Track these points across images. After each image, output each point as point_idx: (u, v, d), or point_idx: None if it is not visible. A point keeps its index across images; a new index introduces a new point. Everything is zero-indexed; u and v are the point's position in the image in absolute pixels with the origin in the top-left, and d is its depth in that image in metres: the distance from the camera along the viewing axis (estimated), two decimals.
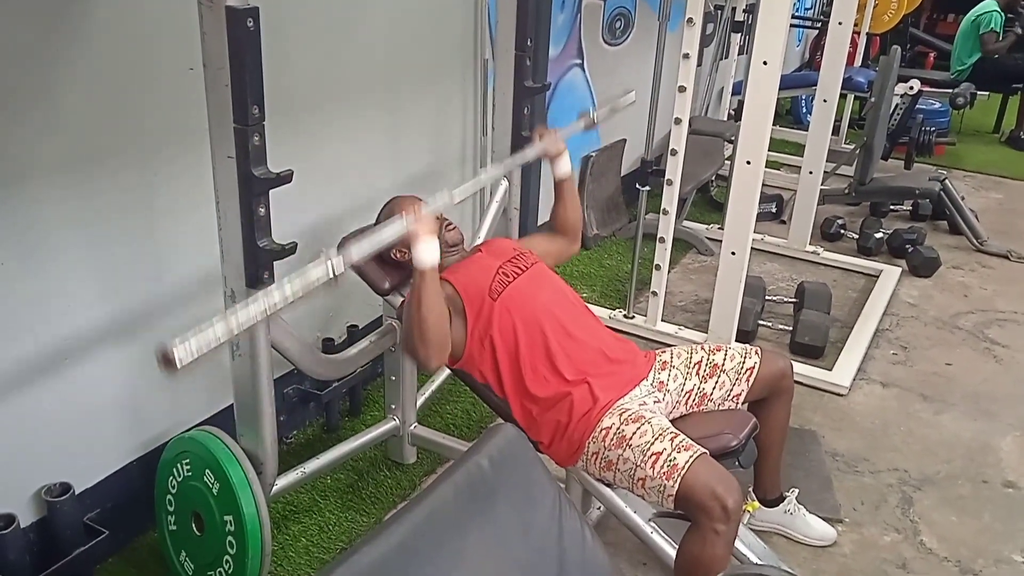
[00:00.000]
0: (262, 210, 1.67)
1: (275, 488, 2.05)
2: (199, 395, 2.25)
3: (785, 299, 3.69)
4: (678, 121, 3.01)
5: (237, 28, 1.52)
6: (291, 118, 2.36)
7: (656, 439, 1.81)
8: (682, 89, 2.96)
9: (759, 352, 2.14)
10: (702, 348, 2.15)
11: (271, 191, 1.67)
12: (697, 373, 2.09)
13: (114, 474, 2.11)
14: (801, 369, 3.12)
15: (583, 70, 3.91)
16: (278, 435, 2.61)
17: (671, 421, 2.02)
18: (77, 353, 1.96)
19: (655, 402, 2.01)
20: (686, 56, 2.91)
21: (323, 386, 2.57)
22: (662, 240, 3.23)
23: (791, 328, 3.41)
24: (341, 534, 2.28)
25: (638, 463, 1.81)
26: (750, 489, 2.32)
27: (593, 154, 4.10)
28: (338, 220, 2.44)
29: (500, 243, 2.29)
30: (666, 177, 3.12)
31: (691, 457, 1.76)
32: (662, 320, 3.42)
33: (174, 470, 1.99)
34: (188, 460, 1.95)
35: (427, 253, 1.82)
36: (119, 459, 2.12)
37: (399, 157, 2.86)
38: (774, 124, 6.12)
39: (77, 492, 1.98)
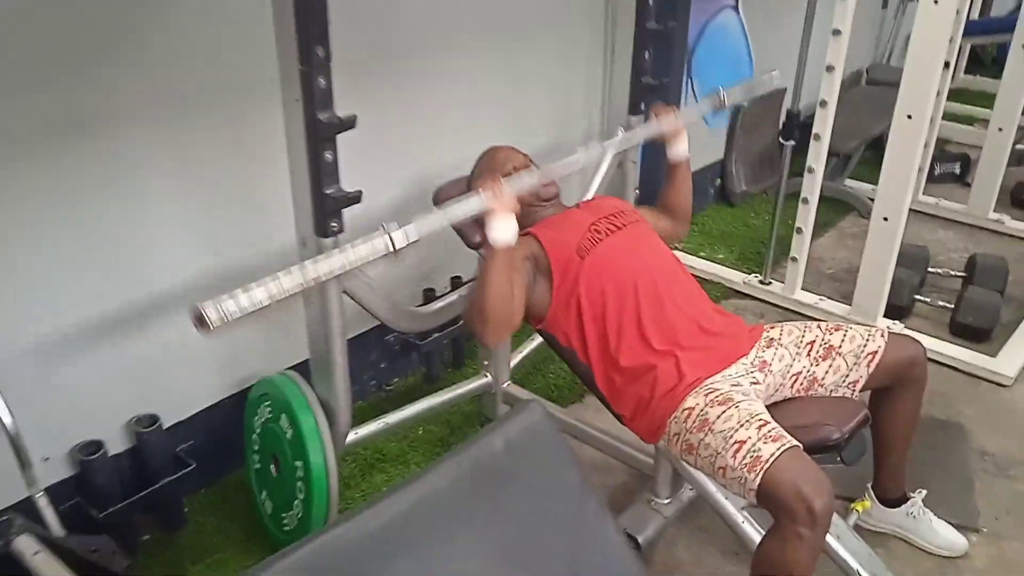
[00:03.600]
0: (329, 156, 1.62)
1: (351, 439, 2.04)
2: (294, 337, 2.26)
3: (952, 272, 3.28)
4: (830, 69, 2.68)
5: None
6: (398, 62, 2.30)
7: (741, 425, 1.63)
8: (836, 32, 2.62)
9: (885, 335, 1.88)
10: (818, 326, 1.91)
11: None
12: (808, 354, 1.87)
13: (207, 409, 2.17)
14: (959, 353, 2.78)
15: (737, 12, 3.58)
16: (378, 382, 2.64)
17: (772, 404, 1.83)
18: (175, 295, 2.02)
19: (752, 383, 1.81)
20: None
21: (424, 336, 2.53)
22: (805, 201, 2.93)
23: (954, 306, 3.02)
24: None
25: (719, 450, 1.63)
26: (868, 486, 2.08)
27: (745, 104, 3.79)
28: (445, 170, 2.35)
29: (602, 200, 2.13)
30: (813, 131, 2.80)
31: (778, 449, 1.56)
32: (802, 289, 3.13)
33: (258, 410, 2.02)
34: (269, 403, 1.97)
35: (502, 232, 1.71)
36: (213, 395, 2.18)
37: (516, 106, 2.72)
38: (974, 74, 5.44)
39: (171, 424, 2.06)
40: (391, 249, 1.61)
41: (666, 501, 2.06)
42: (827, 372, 1.86)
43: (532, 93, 2.77)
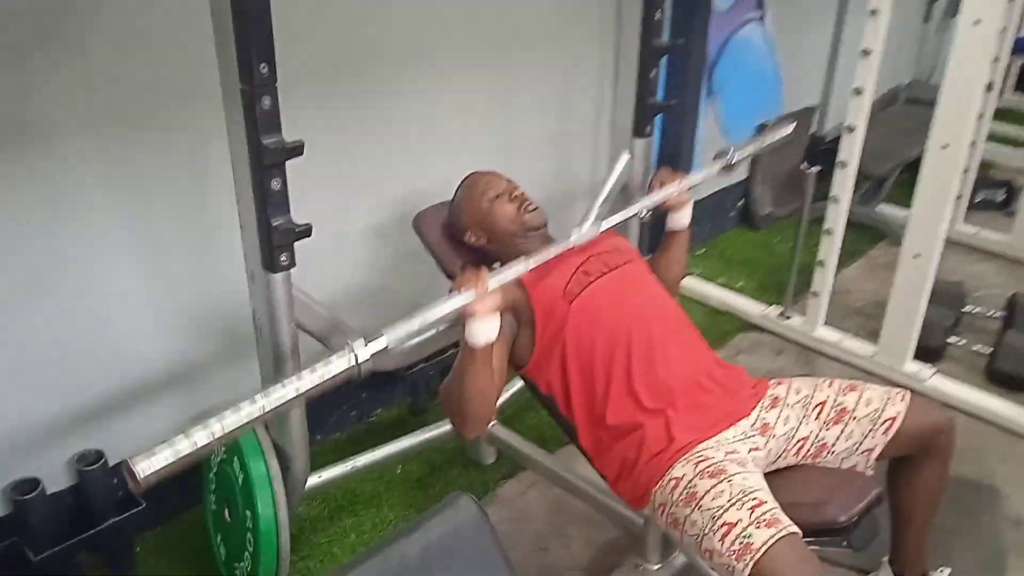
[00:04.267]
0: (276, 184, 1.45)
1: (314, 482, 1.88)
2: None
3: (990, 313, 3.03)
4: (859, 91, 2.46)
5: None
6: (379, 77, 2.13)
7: (732, 504, 1.43)
8: (866, 52, 2.40)
9: (906, 398, 1.66)
10: (830, 384, 1.71)
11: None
12: (818, 416, 1.66)
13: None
14: (995, 405, 2.54)
15: (763, 26, 3.36)
16: (359, 413, 2.48)
17: (774, 472, 1.64)
18: (120, 321, 1.87)
19: (751, 450, 1.61)
20: (873, 12, 2.35)
21: (409, 366, 2.36)
22: (829, 232, 2.71)
23: (991, 350, 2.78)
24: None
25: (706, 531, 1.44)
26: (884, 560, 1.86)
27: (770, 123, 3.56)
28: (429, 193, 2.18)
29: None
30: (839, 158, 2.58)
31: (772, 537, 1.36)
32: (825, 324, 2.90)
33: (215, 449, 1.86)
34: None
35: (481, 334, 1.48)
36: (169, 429, 2.02)
37: (509, 123, 2.53)
38: None
39: (119, 460, 1.90)
40: (355, 364, 1.37)
41: (656, 567, 1.87)
42: (838, 438, 1.65)
43: (527, 110, 2.57)
